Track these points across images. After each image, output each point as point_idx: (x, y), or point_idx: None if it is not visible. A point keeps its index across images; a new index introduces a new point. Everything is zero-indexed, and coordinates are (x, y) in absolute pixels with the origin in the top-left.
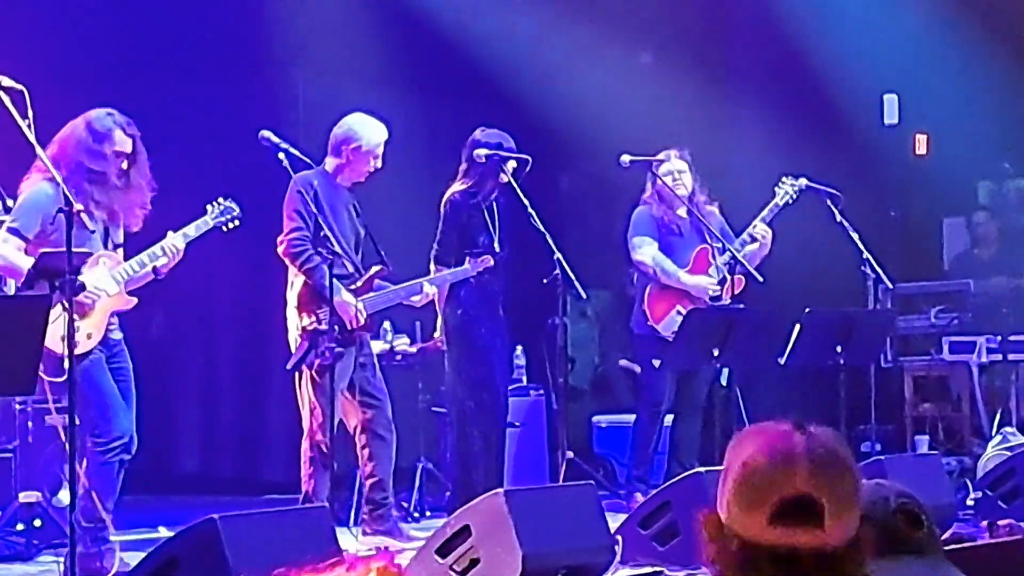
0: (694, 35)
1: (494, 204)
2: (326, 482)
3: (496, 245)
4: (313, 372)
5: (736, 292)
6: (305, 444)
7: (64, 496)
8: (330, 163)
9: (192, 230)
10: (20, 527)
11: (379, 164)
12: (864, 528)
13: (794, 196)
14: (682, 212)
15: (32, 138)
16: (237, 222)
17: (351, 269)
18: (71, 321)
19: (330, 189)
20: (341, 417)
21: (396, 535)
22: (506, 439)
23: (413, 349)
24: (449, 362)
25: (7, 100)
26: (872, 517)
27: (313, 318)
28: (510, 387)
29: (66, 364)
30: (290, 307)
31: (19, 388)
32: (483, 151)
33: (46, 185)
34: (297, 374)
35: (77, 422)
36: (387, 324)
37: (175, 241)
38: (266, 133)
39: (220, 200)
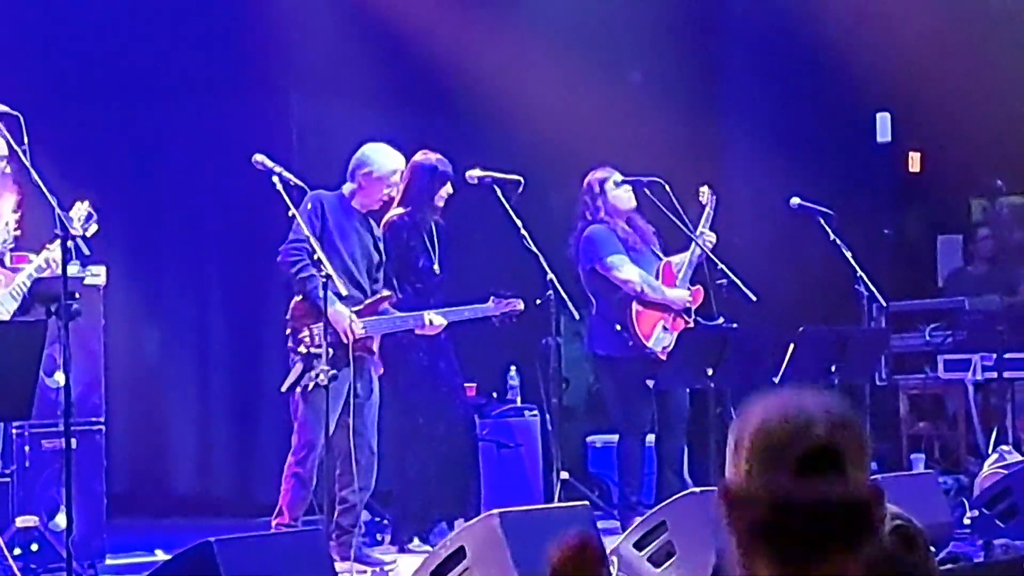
0: (685, 54)
1: (433, 226)
2: (303, 500)
3: (436, 267)
4: (306, 391)
5: (697, 304)
6: (290, 459)
7: (61, 520)
8: (347, 187)
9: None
10: (18, 552)
11: (394, 192)
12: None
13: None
14: (624, 225)
15: (28, 163)
16: (95, 226)
17: (351, 291)
18: (67, 347)
19: (342, 211)
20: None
21: (363, 561)
22: (464, 460)
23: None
24: (386, 386)
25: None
26: None
27: (307, 332)
28: (503, 408)
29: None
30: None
31: (16, 413)
32: (476, 172)
33: None
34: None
35: (74, 446)
36: None
37: (54, 255)
38: (259, 157)
39: (79, 204)
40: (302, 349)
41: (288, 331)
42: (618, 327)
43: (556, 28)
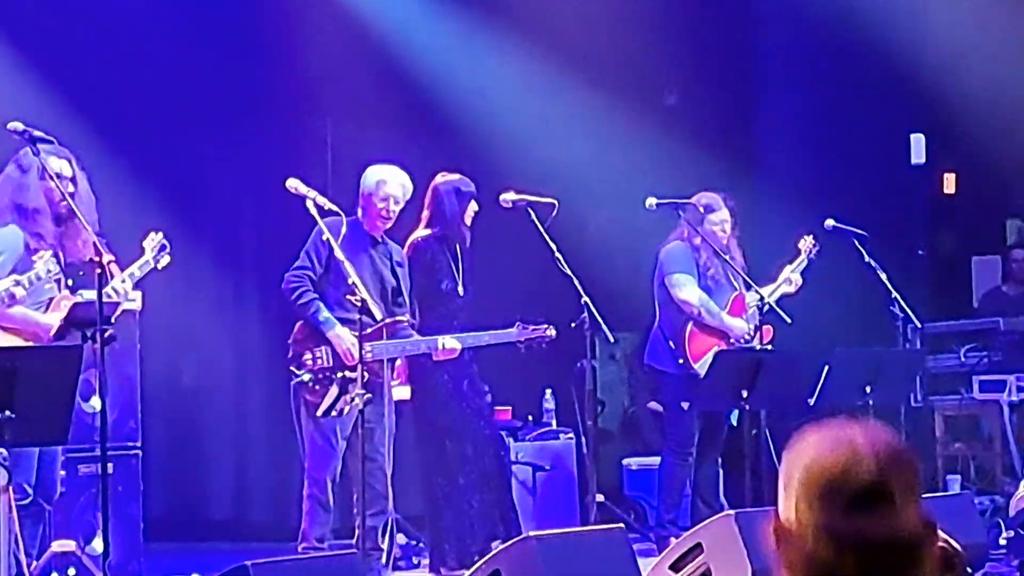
0: (720, 77)
1: (457, 248)
2: (324, 523)
3: (460, 289)
4: (308, 408)
5: (767, 340)
6: (306, 483)
7: (98, 545)
8: (359, 212)
9: (136, 270)
10: None
11: (393, 208)
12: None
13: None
14: (710, 256)
15: (62, 189)
16: (167, 257)
17: (358, 315)
18: (103, 372)
19: (355, 237)
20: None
21: None
22: (494, 482)
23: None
24: (413, 410)
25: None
26: None
27: (309, 355)
28: (538, 431)
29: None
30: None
31: (53, 438)
32: (510, 196)
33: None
34: (294, 412)
35: (111, 471)
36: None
37: (125, 286)
38: (293, 182)
39: (153, 235)
40: (301, 372)
41: (290, 354)
42: (672, 344)
43: (591, 52)
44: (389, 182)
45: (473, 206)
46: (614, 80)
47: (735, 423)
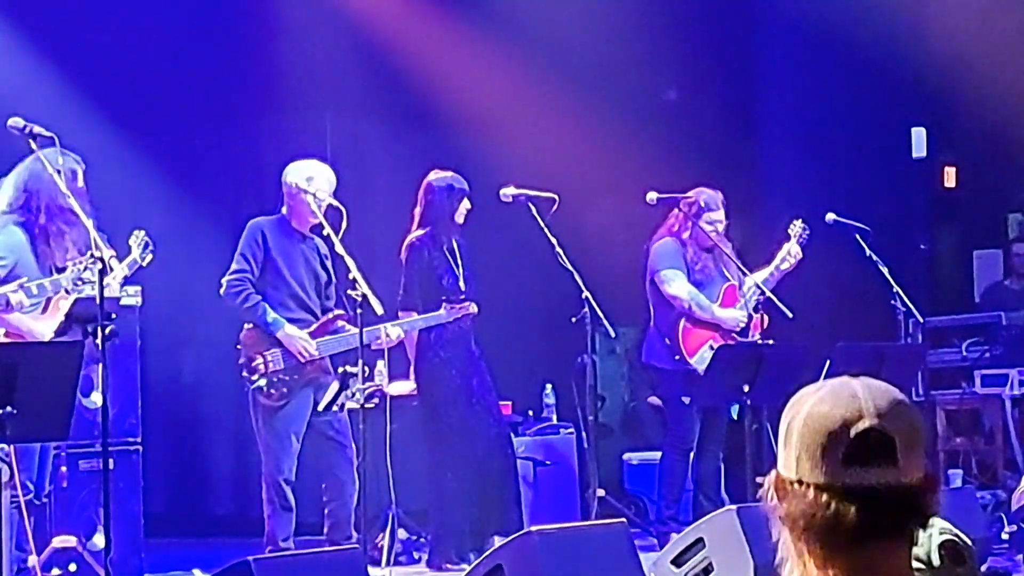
0: (719, 71)
1: (455, 244)
2: (286, 523)
3: (461, 284)
4: (263, 412)
5: (764, 328)
6: (264, 485)
7: (99, 540)
8: (284, 209)
9: (125, 268)
10: (56, 572)
11: (321, 204)
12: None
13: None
14: (699, 252)
15: (63, 186)
16: (151, 256)
17: (302, 314)
18: (106, 369)
19: (283, 234)
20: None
21: None
22: (501, 478)
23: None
24: (420, 406)
25: (36, 147)
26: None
27: (260, 359)
28: (539, 426)
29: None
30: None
31: (54, 434)
32: (511, 190)
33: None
34: (252, 415)
35: (112, 466)
36: (381, 365)
37: (115, 282)
38: (292, 178)
39: (137, 233)
40: (256, 377)
41: (241, 360)
42: (667, 340)
43: (591, 47)
44: (317, 178)
45: (465, 204)
46: (614, 75)
47: (735, 417)
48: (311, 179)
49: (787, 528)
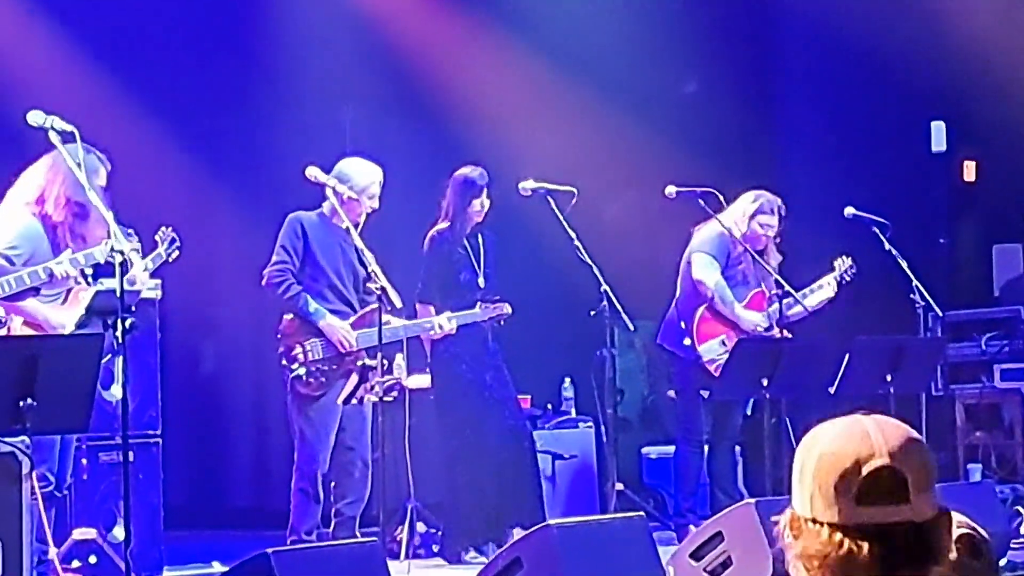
0: (739, 65)
1: (480, 239)
2: (313, 515)
3: (480, 280)
4: (300, 402)
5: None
6: (295, 475)
7: (119, 532)
8: (326, 205)
9: (149, 263)
10: (76, 564)
11: (374, 205)
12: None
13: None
14: (744, 251)
15: (83, 179)
16: (177, 252)
17: (340, 306)
18: (126, 362)
19: (324, 229)
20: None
21: None
22: (519, 471)
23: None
24: (434, 401)
25: (58, 141)
26: None
27: (299, 348)
28: (557, 420)
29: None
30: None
31: (74, 426)
32: (530, 184)
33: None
34: (289, 405)
35: (132, 459)
36: (400, 359)
37: (143, 276)
38: (313, 170)
39: (164, 229)
40: (295, 366)
41: (280, 348)
42: (683, 324)
43: (611, 40)
44: (375, 183)
45: (483, 199)
46: (633, 68)
47: (749, 412)
48: (372, 182)
49: (803, 566)
